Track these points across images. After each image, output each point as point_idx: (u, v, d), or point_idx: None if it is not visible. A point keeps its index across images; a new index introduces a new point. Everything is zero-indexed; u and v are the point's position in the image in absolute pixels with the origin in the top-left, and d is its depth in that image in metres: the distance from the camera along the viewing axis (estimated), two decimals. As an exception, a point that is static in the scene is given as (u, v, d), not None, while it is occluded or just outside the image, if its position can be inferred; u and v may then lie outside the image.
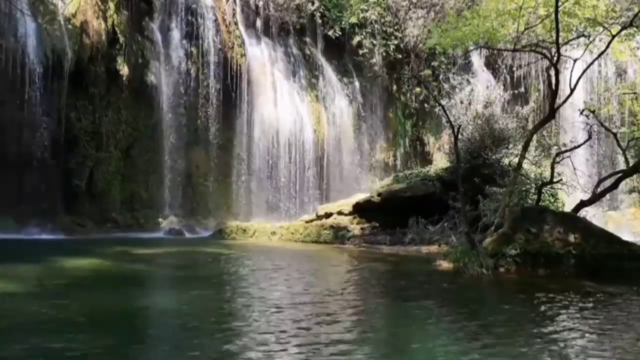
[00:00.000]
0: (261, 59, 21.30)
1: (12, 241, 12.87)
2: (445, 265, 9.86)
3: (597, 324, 5.66)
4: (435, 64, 24.23)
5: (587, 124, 11.61)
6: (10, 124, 15.20)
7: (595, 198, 11.00)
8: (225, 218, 19.20)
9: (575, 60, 11.26)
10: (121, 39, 17.77)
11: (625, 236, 11.50)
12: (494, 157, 14.88)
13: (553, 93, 11.45)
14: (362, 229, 15.47)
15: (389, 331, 5.50)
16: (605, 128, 13.08)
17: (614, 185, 11.33)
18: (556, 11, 10.23)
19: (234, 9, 21.01)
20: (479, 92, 19.89)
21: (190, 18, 19.58)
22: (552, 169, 11.44)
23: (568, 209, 12.16)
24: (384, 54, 23.89)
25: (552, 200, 14.48)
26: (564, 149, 12.06)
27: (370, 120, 24.23)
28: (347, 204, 16.65)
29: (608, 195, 15.08)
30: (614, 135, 12.48)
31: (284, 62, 22.13)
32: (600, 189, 11.21)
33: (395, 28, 24.18)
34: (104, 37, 17.21)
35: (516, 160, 12.25)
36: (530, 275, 8.95)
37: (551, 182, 11.77)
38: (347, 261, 11.43)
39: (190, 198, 19.47)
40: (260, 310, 6.10)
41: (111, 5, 17.59)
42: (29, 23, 15.53)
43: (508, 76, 25.10)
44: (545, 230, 9.38)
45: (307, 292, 7.44)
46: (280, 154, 20.98)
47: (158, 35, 19.17)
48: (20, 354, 4.19)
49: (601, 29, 11.89)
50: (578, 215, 10.51)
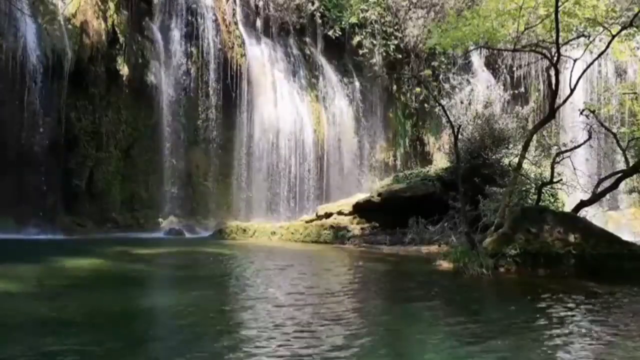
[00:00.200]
0: (261, 59, 21.30)
1: (12, 241, 12.87)
2: (445, 265, 9.87)
3: (601, 324, 5.66)
4: (435, 64, 24.23)
5: (587, 124, 11.63)
6: (10, 124, 15.20)
7: (595, 198, 11.00)
8: (225, 218, 19.20)
9: (575, 60, 11.27)
10: (121, 39, 17.76)
11: (625, 236, 11.50)
12: (494, 157, 14.89)
13: (553, 93, 11.46)
14: (362, 229, 15.48)
15: (392, 333, 5.47)
16: (605, 128, 13.07)
17: (614, 185, 11.33)
18: (556, 11, 10.23)
19: (234, 9, 21.01)
20: (479, 92, 19.89)
21: (190, 18, 19.58)
22: (552, 169, 11.45)
23: (568, 209, 12.16)
24: (384, 54, 23.89)
25: (552, 200, 14.49)
26: (564, 149, 12.07)
27: (370, 120, 24.22)
28: (347, 204, 16.66)
29: (608, 195, 15.06)
30: (614, 135, 12.48)
31: (284, 62, 22.13)
32: (600, 189, 11.21)
33: (395, 28, 24.18)
34: (104, 37, 17.21)
35: (516, 160, 12.26)
36: (530, 275, 8.95)
37: (551, 182, 11.78)
38: (348, 261, 11.43)
39: (190, 198, 19.47)
40: (261, 310, 6.10)
41: (111, 5, 17.59)
42: (29, 23, 15.51)
43: (508, 76, 25.11)
44: (545, 230, 9.38)
45: (308, 293, 7.43)
46: (280, 154, 20.97)
47: (158, 35, 19.16)
48: (20, 354, 4.18)
49: (601, 29, 11.88)
50: (578, 215, 10.51)
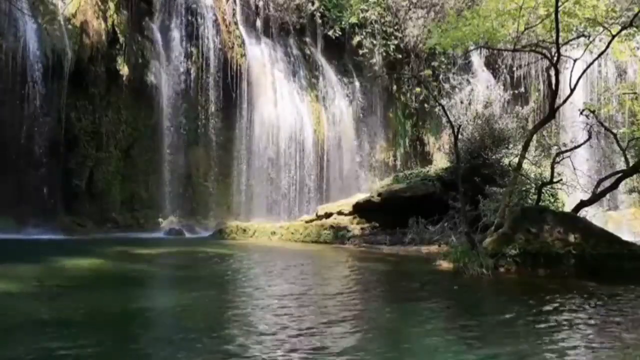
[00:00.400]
0: (261, 59, 21.29)
1: (12, 241, 12.86)
2: (445, 265, 9.86)
3: (602, 325, 5.66)
4: (435, 64, 24.23)
5: (587, 124, 11.62)
6: (10, 124, 15.20)
7: (595, 198, 10.99)
8: (225, 218, 19.19)
9: (575, 60, 11.26)
10: (121, 39, 17.76)
11: (625, 236, 11.51)
12: (494, 157, 14.89)
13: (553, 93, 11.45)
14: (362, 229, 15.47)
15: (392, 333, 5.45)
16: (605, 128, 13.07)
17: (614, 185, 11.33)
18: (556, 11, 10.23)
19: (234, 9, 21.02)
20: (479, 92, 19.86)
21: (190, 18, 19.58)
22: (552, 169, 11.45)
23: (568, 209, 12.16)
24: (384, 54, 23.89)
25: (552, 200, 14.49)
26: (564, 149, 12.07)
27: (370, 120, 24.22)
28: (347, 204, 16.65)
29: (608, 195, 15.07)
30: (614, 135, 12.46)
31: (284, 62, 22.13)
32: (600, 189, 11.20)
33: (395, 28, 24.17)
34: (104, 37, 17.21)
35: (516, 160, 12.25)
36: (530, 275, 8.94)
37: (551, 182, 11.77)
38: (348, 261, 11.42)
39: (190, 198, 19.47)
40: (262, 310, 6.10)
41: (111, 5, 17.59)
42: (29, 23, 15.52)
43: (508, 76, 25.10)
44: (545, 230, 9.37)
45: (309, 293, 7.43)
46: (280, 154, 20.97)
47: (158, 35, 19.17)
48: (20, 354, 4.18)
49: (601, 29, 11.88)
50: (578, 215, 10.51)
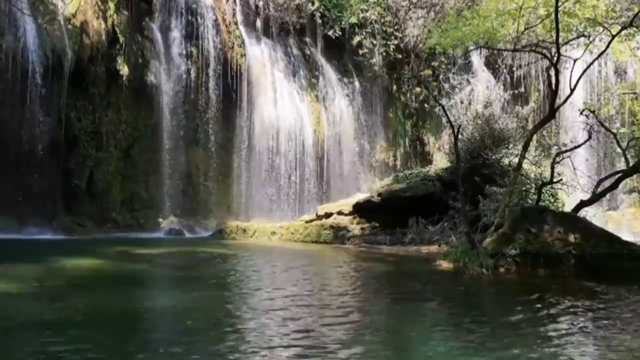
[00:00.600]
0: (261, 59, 21.29)
1: (12, 241, 12.87)
2: (445, 265, 9.86)
3: (603, 325, 5.65)
4: (435, 64, 24.22)
5: (587, 124, 11.62)
6: (11, 124, 15.20)
7: (595, 198, 10.99)
8: (225, 218, 19.20)
9: (575, 60, 11.25)
10: (121, 39, 17.76)
11: (625, 236, 11.50)
12: (494, 157, 14.89)
13: (553, 93, 11.45)
14: (362, 229, 15.47)
15: (393, 333, 5.44)
16: (605, 128, 13.06)
17: (614, 185, 11.33)
18: (556, 11, 10.22)
19: (234, 9, 21.01)
20: (479, 92, 19.88)
21: (190, 18, 19.57)
22: (552, 169, 11.44)
23: (568, 209, 12.16)
24: (384, 54, 23.88)
25: (552, 200, 14.48)
26: (564, 149, 12.07)
27: (370, 120, 24.21)
28: (347, 204, 16.64)
29: (608, 195, 15.08)
30: (614, 135, 12.46)
31: (284, 62, 22.12)
32: (600, 189, 11.20)
33: (395, 28, 24.17)
34: (104, 37, 17.21)
35: (516, 160, 12.25)
36: (530, 275, 8.95)
37: (551, 182, 11.77)
38: (348, 261, 11.42)
39: (190, 198, 19.47)
40: (262, 311, 6.09)
41: (111, 5, 17.59)
42: (29, 23, 15.51)
43: (508, 76, 25.08)
44: (545, 230, 9.37)
45: (310, 293, 7.43)
46: (280, 154, 20.97)
47: (158, 35, 19.17)
48: (20, 354, 4.19)
49: (601, 29, 11.87)
50: (578, 215, 10.51)
